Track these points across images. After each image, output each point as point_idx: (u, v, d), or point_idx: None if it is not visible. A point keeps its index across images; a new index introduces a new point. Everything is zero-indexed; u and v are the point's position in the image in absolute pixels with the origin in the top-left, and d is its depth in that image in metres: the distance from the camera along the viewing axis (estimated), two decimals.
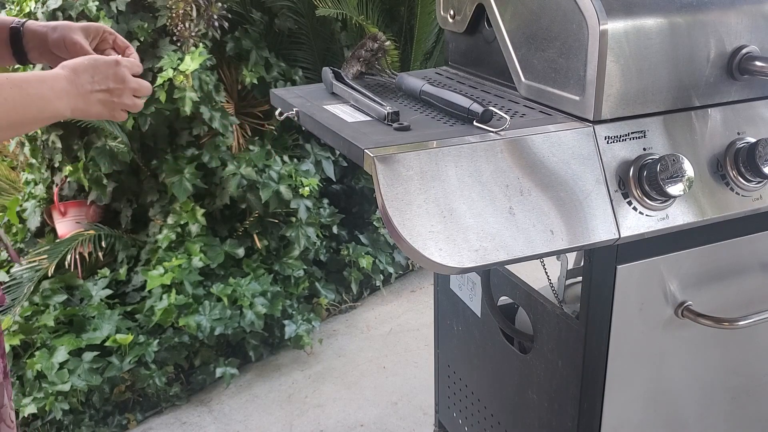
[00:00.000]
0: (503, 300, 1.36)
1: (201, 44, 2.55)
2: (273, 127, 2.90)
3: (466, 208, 0.89)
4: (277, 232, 2.75)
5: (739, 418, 1.27)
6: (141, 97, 1.03)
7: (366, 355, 2.61)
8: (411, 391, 2.38)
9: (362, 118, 1.10)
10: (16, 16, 2.62)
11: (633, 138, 0.99)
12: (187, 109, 2.49)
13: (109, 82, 0.97)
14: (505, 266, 1.20)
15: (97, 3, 2.51)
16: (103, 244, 2.62)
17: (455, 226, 0.88)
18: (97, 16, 2.51)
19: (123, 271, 2.60)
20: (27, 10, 2.60)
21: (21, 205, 2.88)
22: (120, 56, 1.02)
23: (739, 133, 1.05)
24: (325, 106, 1.18)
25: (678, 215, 1.00)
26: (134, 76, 1.02)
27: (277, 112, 1.25)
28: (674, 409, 1.20)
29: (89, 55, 0.99)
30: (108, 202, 2.74)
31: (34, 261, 2.53)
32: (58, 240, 2.69)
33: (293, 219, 2.73)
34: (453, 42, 1.39)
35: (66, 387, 2.18)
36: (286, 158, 2.77)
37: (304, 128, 1.17)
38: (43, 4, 2.54)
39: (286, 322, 2.57)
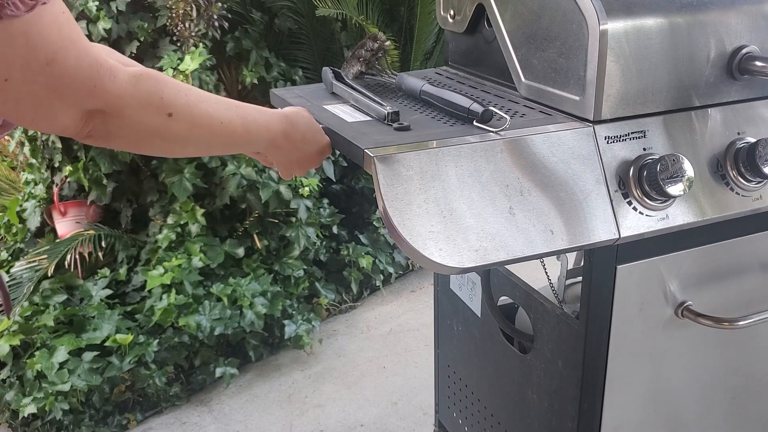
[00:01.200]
0: (503, 300, 1.36)
1: (201, 44, 2.55)
2: None
3: (466, 208, 0.89)
4: (277, 232, 2.75)
5: (739, 418, 1.27)
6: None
7: (366, 355, 2.61)
8: (411, 391, 2.38)
9: (362, 118, 1.10)
10: None
11: (633, 138, 0.99)
12: None
13: (304, 161, 1.03)
14: (505, 266, 1.20)
15: (97, 3, 2.51)
16: (103, 244, 2.62)
17: (455, 226, 0.88)
18: (97, 16, 2.51)
19: (123, 271, 2.60)
20: None
21: (21, 205, 2.88)
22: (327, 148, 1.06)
23: (739, 133, 1.05)
24: (325, 106, 1.18)
25: (678, 215, 1.00)
26: None
27: None
28: (674, 409, 1.20)
29: (316, 125, 1.04)
30: (108, 202, 2.74)
31: (34, 261, 2.53)
32: (58, 240, 2.69)
33: (293, 219, 2.73)
34: (453, 42, 1.39)
35: (66, 387, 2.18)
36: None
37: None
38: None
39: (286, 322, 2.57)
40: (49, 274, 2.49)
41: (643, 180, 0.96)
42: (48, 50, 0.69)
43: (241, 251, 2.65)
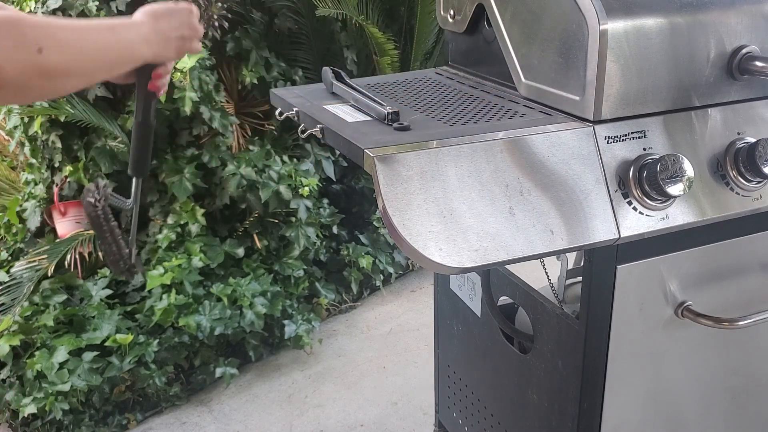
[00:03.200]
0: (503, 300, 1.36)
1: (201, 44, 2.54)
2: (273, 127, 2.90)
3: (466, 208, 0.89)
4: (277, 232, 2.75)
5: (739, 418, 1.27)
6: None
7: (366, 355, 2.61)
8: (411, 391, 2.38)
9: (362, 118, 1.10)
10: None
11: (633, 138, 0.99)
12: (187, 109, 2.49)
13: (184, 29, 1.04)
14: (505, 266, 1.20)
15: (97, 3, 2.51)
16: None
17: (455, 226, 0.88)
18: (97, 16, 2.51)
19: None
20: (27, 9, 2.60)
21: (21, 205, 2.88)
22: (193, 6, 1.08)
23: (739, 133, 1.05)
24: (325, 106, 1.18)
25: (678, 215, 1.00)
26: None
27: (277, 112, 1.25)
28: (674, 409, 1.20)
29: (165, 1, 1.03)
30: None
31: (34, 261, 2.53)
32: (58, 240, 2.69)
33: (293, 219, 2.73)
34: (453, 42, 1.39)
35: (66, 387, 2.18)
36: (285, 158, 2.77)
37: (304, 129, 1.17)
38: (43, 4, 2.54)
39: (286, 322, 2.57)
40: (49, 274, 2.49)
41: (643, 180, 0.96)
42: None
43: (241, 251, 2.65)
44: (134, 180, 1.20)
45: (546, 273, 1.37)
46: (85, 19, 0.93)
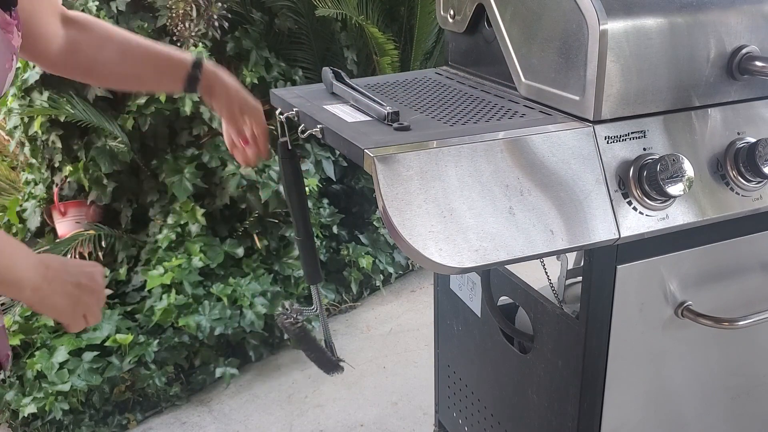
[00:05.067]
0: (503, 300, 1.36)
1: (201, 44, 2.55)
2: (273, 127, 2.90)
3: (466, 208, 0.89)
4: (277, 232, 2.75)
5: (739, 418, 1.27)
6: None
7: (366, 355, 2.61)
8: (411, 391, 2.38)
9: (362, 118, 1.10)
10: None
11: (633, 138, 0.99)
12: (187, 108, 2.49)
13: (81, 277, 0.95)
14: (505, 266, 1.20)
15: (97, 3, 2.51)
16: (103, 244, 2.62)
17: (455, 226, 0.88)
18: (97, 16, 2.51)
19: (123, 271, 2.60)
20: None
21: (21, 205, 2.88)
22: (100, 266, 1.01)
23: (739, 133, 1.05)
24: (325, 106, 1.18)
25: (678, 215, 1.00)
26: None
27: (277, 112, 1.25)
28: (674, 409, 1.20)
29: (66, 258, 1.01)
30: (108, 202, 2.74)
31: None
32: (58, 240, 2.69)
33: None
34: (453, 42, 1.39)
35: (66, 387, 2.18)
36: None
37: (304, 129, 1.17)
38: None
39: None
40: None
41: (643, 180, 0.96)
42: None
43: (241, 251, 2.65)
44: (312, 287, 1.35)
45: (546, 273, 1.37)
46: None
